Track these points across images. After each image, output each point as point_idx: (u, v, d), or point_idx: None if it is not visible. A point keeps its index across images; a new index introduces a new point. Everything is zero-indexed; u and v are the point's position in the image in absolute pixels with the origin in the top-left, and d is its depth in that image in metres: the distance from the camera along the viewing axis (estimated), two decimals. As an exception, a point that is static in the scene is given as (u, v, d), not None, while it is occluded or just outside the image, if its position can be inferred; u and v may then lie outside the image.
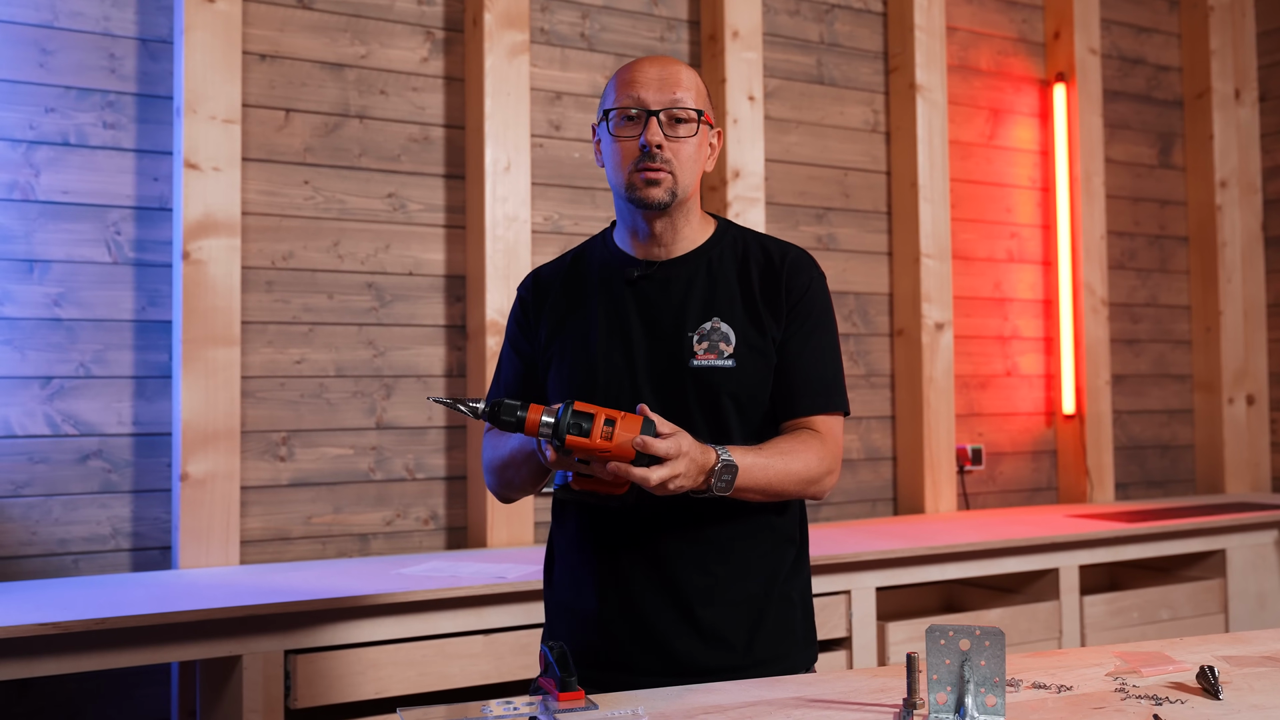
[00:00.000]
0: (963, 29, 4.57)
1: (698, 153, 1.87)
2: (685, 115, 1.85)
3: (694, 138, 1.86)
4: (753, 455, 1.77)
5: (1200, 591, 3.89)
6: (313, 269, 3.31)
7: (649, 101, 1.84)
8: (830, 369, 1.91)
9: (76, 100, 3.04)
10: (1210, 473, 5.03)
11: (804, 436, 1.85)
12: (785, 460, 1.80)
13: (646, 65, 1.88)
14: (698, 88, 1.88)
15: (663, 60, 1.88)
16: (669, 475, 1.63)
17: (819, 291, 1.92)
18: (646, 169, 1.83)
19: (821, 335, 1.91)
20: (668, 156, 1.83)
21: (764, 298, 1.88)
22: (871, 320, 4.27)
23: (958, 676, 1.42)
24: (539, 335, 1.96)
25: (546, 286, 1.99)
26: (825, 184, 4.22)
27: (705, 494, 1.72)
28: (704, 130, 1.89)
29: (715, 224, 1.97)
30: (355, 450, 3.34)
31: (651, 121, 1.83)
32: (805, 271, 1.92)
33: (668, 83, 1.85)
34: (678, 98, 1.84)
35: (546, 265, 2.05)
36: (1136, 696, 1.54)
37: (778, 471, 1.78)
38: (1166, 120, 5.12)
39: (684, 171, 1.85)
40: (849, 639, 3.16)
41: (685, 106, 1.85)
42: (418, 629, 2.63)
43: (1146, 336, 4.98)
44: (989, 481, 4.51)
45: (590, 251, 1.99)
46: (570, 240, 3.65)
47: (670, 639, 1.82)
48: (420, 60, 3.50)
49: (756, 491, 1.77)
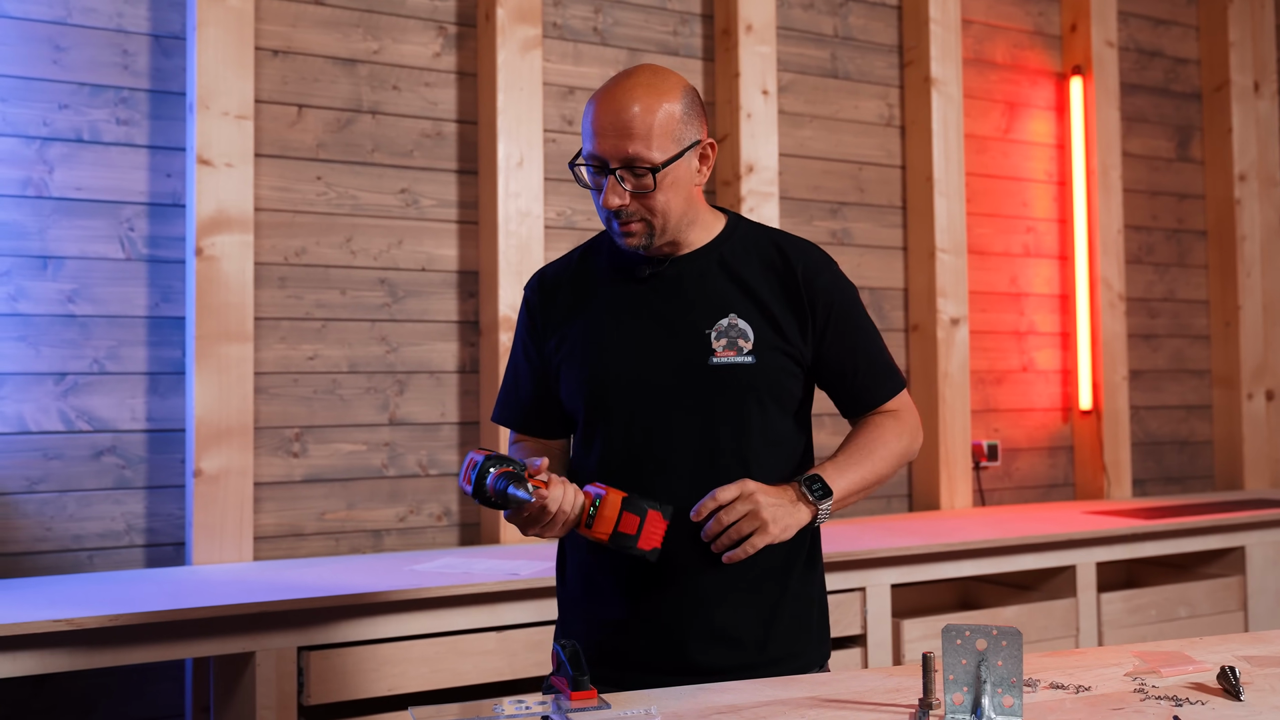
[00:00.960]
0: (978, 22, 4.54)
1: (672, 192, 1.78)
2: (643, 171, 1.75)
3: (656, 190, 1.76)
4: (833, 462, 1.82)
5: (1219, 589, 3.86)
6: (325, 265, 3.31)
7: (606, 157, 1.75)
8: (878, 358, 1.94)
9: (90, 97, 3.04)
10: (1229, 469, 5.00)
11: (875, 422, 1.91)
12: (869, 452, 1.85)
13: (603, 109, 1.77)
14: (661, 125, 1.75)
15: (621, 99, 1.76)
16: (744, 509, 1.70)
17: (841, 285, 1.91)
18: (618, 221, 1.80)
19: (860, 329, 1.92)
20: (633, 210, 1.77)
21: (780, 295, 1.85)
22: (886, 316, 4.25)
23: (974, 677, 1.40)
24: (548, 340, 1.93)
25: (553, 287, 1.96)
26: (840, 178, 4.20)
27: (819, 519, 1.78)
28: (676, 166, 1.78)
29: (725, 219, 1.94)
30: (368, 446, 3.34)
31: (610, 182, 1.76)
32: (824, 271, 1.89)
33: (623, 134, 1.74)
34: (632, 153, 1.74)
35: (552, 264, 2.01)
36: (1156, 697, 1.52)
37: (870, 465, 1.84)
38: (1184, 113, 5.08)
39: (658, 217, 1.79)
40: (864, 636, 3.14)
41: (642, 163, 1.74)
42: (431, 626, 2.62)
43: (1164, 331, 4.95)
44: (1005, 478, 4.49)
45: (599, 248, 1.96)
46: (583, 236, 3.63)
47: (683, 638, 1.81)
48: (433, 55, 3.49)
49: (859, 491, 1.83)
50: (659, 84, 1.78)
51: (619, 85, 1.78)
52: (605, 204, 1.76)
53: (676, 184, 1.79)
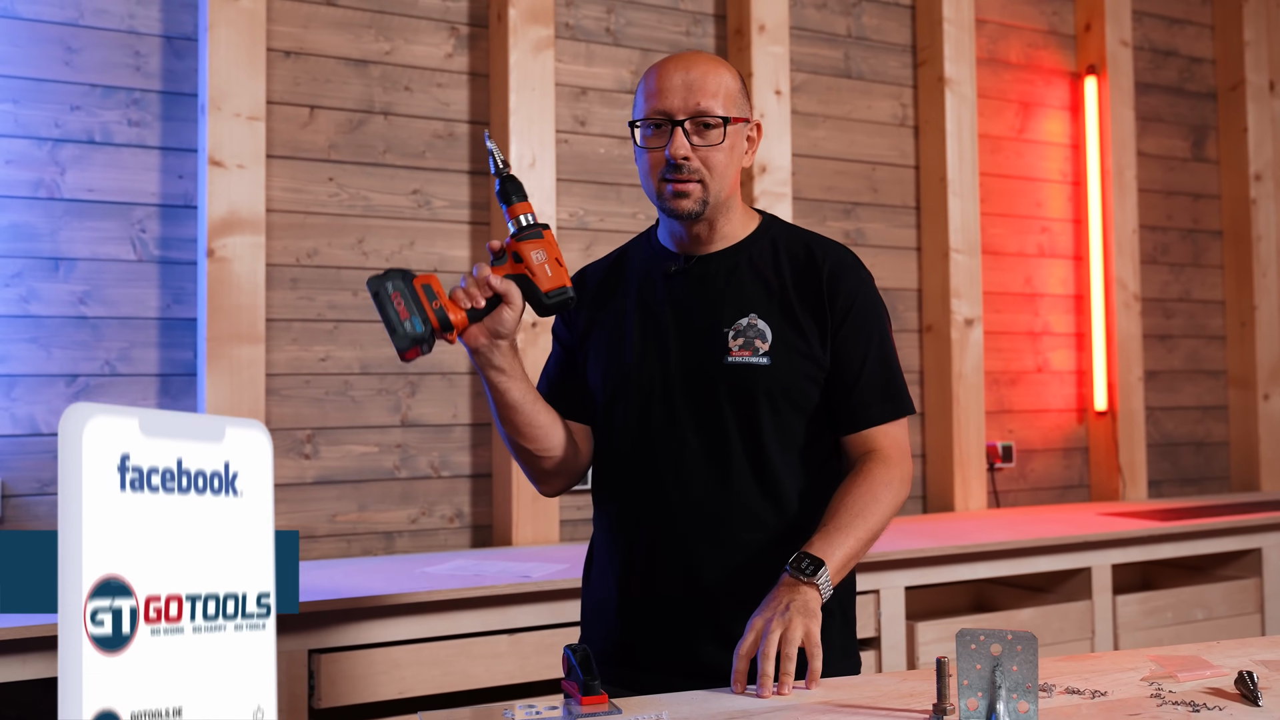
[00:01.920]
0: (992, 21, 4.52)
1: (730, 155, 1.82)
2: (713, 122, 1.79)
3: (724, 143, 1.81)
4: (822, 532, 1.74)
5: (1235, 591, 3.83)
6: (337, 266, 3.30)
7: (674, 111, 1.79)
8: (887, 373, 1.87)
9: (102, 98, 3.04)
10: (1245, 470, 4.96)
11: (865, 475, 1.82)
12: (862, 516, 1.77)
13: (671, 70, 1.82)
14: (727, 88, 1.82)
15: (689, 61, 1.82)
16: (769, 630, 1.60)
17: (867, 293, 1.87)
18: (674, 180, 1.80)
19: (874, 340, 1.86)
20: (695, 166, 1.80)
21: (803, 297, 1.84)
22: (900, 316, 4.23)
23: (989, 682, 1.39)
24: (578, 323, 1.97)
25: (588, 282, 1.99)
26: (853, 179, 4.18)
27: (824, 592, 1.68)
28: (737, 131, 1.83)
29: (760, 219, 1.94)
30: (380, 448, 3.33)
31: (677, 132, 1.79)
32: (852, 274, 1.87)
33: (693, 89, 1.79)
34: (703, 106, 1.79)
35: (593, 263, 2.05)
36: (1173, 703, 1.51)
37: (864, 529, 1.77)
38: (1199, 113, 5.05)
39: (715, 178, 1.81)
40: (878, 639, 3.12)
41: (712, 114, 1.79)
42: (442, 628, 2.61)
43: (1180, 332, 4.92)
44: (1019, 479, 4.46)
45: (634, 248, 1.99)
46: (596, 237, 3.63)
47: (697, 643, 1.80)
48: (445, 56, 3.49)
49: (858, 555, 1.77)
50: (718, 61, 1.86)
51: (682, 56, 1.86)
52: (672, 153, 1.78)
53: (733, 150, 1.83)
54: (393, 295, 1.69)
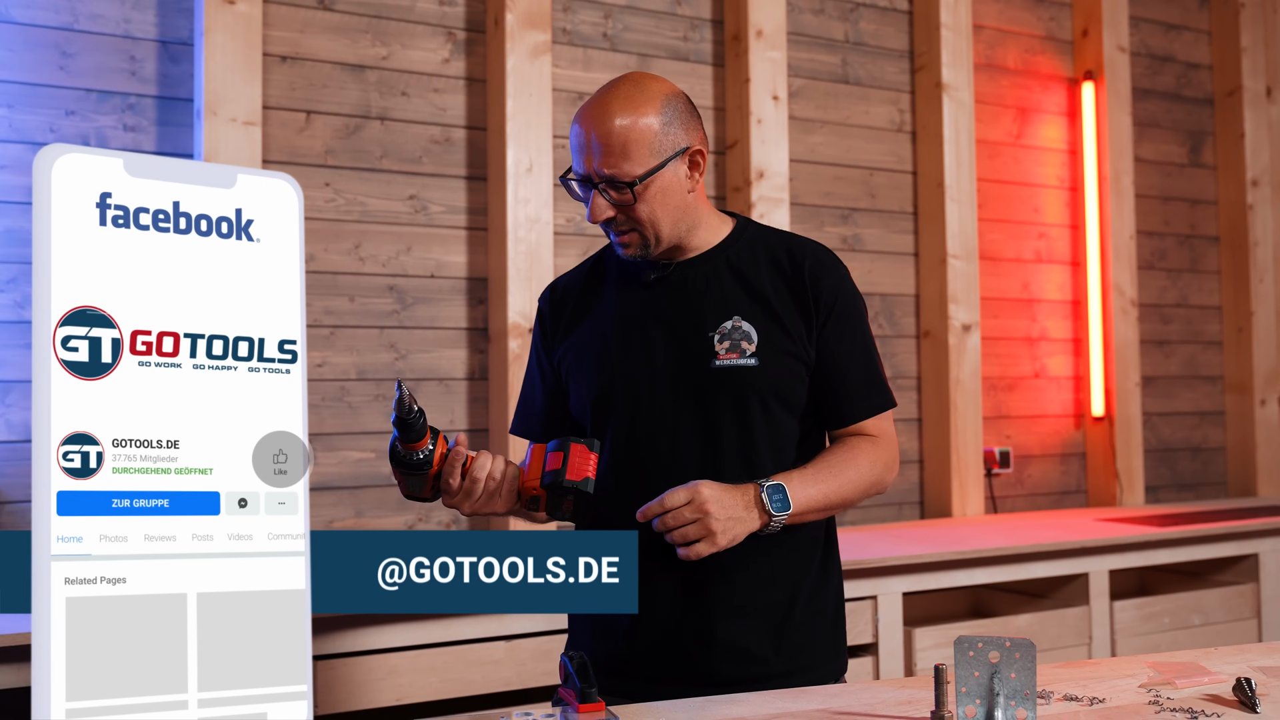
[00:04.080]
0: (989, 27, 4.52)
1: (660, 201, 1.77)
2: (621, 186, 1.74)
3: (647, 196, 1.75)
4: (800, 473, 1.76)
5: (1233, 596, 3.83)
6: (334, 271, 3.30)
7: (589, 172, 1.75)
8: (870, 368, 1.88)
9: (97, 103, 3.03)
10: (1242, 475, 4.96)
11: (852, 443, 1.83)
12: (838, 471, 1.78)
13: (584, 124, 1.75)
14: (640, 138, 1.73)
15: (601, 112, 1.74)
16: (685, 503, 1.67)
17: (848, 290, 1.88)
18: (612, 231, 1.80)
19: (857, 336, 1.87)
20: (621, 222, 1.78)
21: (787, 296, 1.84)
22: (898, 322, 4.23)
23: (987, 689, 1.38)
24: (556, 349, 1.94)
25: (564, 297, 1.97)
26: (850, 184, 4.18)
27: (770, 527, 1.71)
28: (661, 176, 1.76)
29: (734, 222, 1.93)
30: (377, 454, 3.33)
31: (594, 196, 1.76)
32: (832, 271, 1.87)
33: (602, 152, 1.73)
34: (609, 173, 1.73)
35: (564, 275, 2.02)
36: (1171, 709, 1.50)
37: (836, 484, 1.77)
38: (1196, 118, 5.05)
39: (648, 225, 1.78)
40: (875, 645, 3.12)
41: (619, 181, 1.73)
42: (438, 635, 2.61)
43: (1177, 338, 4.92)
44: (1017, 485, 4.46)
45: (609, 255, 1.96)
46: (592, 242, 3.62)
47: (692, 649, 1.80)
48: (441, 61, 3.49)
49: (819, 509, 1.76)
50: (636, 97, 1.76)
51: (597, 102, 1.77)
52: (591, 218, 1.77)
53: (663, 193, 1.77)
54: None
